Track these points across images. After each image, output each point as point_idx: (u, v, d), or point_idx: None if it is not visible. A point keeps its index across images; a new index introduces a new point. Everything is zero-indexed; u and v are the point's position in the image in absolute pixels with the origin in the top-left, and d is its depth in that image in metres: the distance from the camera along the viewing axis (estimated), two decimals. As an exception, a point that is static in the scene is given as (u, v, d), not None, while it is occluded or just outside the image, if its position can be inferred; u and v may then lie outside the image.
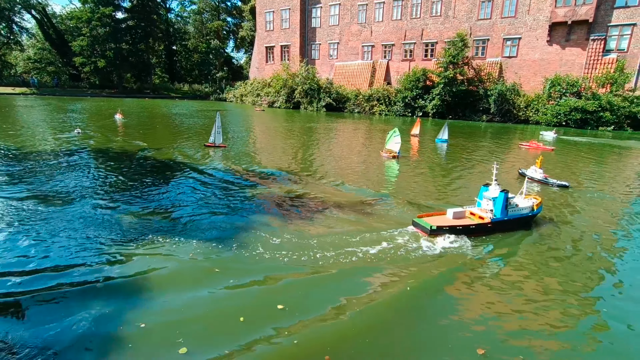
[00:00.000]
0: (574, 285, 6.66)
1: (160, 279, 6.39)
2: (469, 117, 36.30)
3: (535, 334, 5.31)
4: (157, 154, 16.64)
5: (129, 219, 8.89)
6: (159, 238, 7.81)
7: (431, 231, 8.18)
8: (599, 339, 5.28)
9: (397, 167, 15.49)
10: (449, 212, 8.82)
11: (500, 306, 5.98)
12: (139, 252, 7.23)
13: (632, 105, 29.29)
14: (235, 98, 57.94)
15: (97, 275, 6.43)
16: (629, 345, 5.16)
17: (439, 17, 39.72)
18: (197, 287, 6.19)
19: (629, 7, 30.67)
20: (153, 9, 67.63)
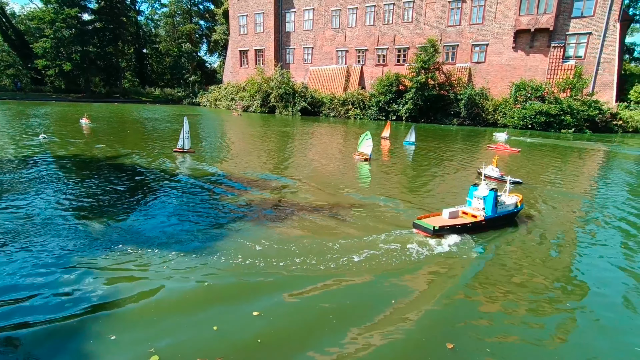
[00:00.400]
0: (544, 281, 6.90)
1: (130, 289, 6.14)
2: (440, 120, 37.34)
3: (504, 329, 5.48)
4: (128, 160, 16.10)
5: (96, 229, 8.51)
6: (129, 248, 7.53)
7: (434, 232, 8.38)
8: (565, 334, 5.46)
9: (369, 170, 15.81)
10: (444, 213, 9.06)
11: (472, 302, 6.15)
12: (107, 263, 6.93)
13: (590, 109, 31.06)
14: (209, 102, 57.03)
15: (63, 288, 6.11)
16: (594, 340, 5.38)
17: (411, 24, 40.77)
18: (169, 297, 5.99)
19: (585, 17, 32.62)
20: (122, 11, 65.68)
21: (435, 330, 5.39)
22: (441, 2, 38.59)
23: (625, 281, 7.00)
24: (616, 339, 5.39)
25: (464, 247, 8.17)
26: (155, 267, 6.84)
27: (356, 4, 43.66)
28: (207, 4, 79.13)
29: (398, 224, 9.33)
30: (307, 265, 7.07)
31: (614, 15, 31.56)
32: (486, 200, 8.99)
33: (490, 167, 13.95)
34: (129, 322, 5.36)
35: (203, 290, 6.20)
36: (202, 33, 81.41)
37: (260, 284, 6.45)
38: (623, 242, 8.86)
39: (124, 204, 10.38)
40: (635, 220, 10.36)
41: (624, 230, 9.66)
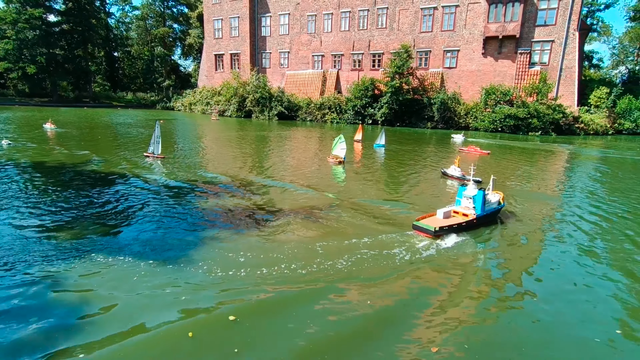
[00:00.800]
0: (526, 281, 7.03)
1: (101, 301, 5.85)
2: (415, 124, 38.12)
3: (485, 331, 5.53)
4: (97, 166, 15.51)
5: (65, 238, 8.10)
6: (99, 258, 7.20)
7: (435, 232, 8.58)
8: (541, 335, 5.50)
9: (343, 172, 16.03)
10: (439, 213, 9.32)
11: (460, 305, 6.20)
12: (76, 275, 6.58)
13: (555, 113, 32.55)
14: (184, 107, 55.93)
15: (29, 302, 5.77)
16: (571, 340, 5.51)
17: (385, 29, 41.54)
18: (142, 307, 5.75)
19: (548, 26, 34.27)
20: (91, 12, 63.54)
21: (422, 334, 5.38)
22: (413, 8, 39.57)
23: (611, 285, 7.16)
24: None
25: (458, 248, 8.38)
26: (126, 278, 6.55)
27: (331, 9, 44.11)
28: (181, 8, 77.82)
29: (382, 225, 9.43)
30: (289, 270, 6.95)
31: (573, 24, 33.32)
32: (475, 200, 9.37)
33: (453, 167, 14.80)
34: (100, 337, 5.07)
35: (178, 298, 6.00)
36: (176, 36, 79.86)
37: (236, 289, 6.30)
38: (600, 236, 9.28)
39: (92, 212, 9.96)
40: (604, 213, 10.90)
41: (597, 224, 10.13)
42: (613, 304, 6.33)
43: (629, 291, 6.74)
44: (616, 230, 9.83)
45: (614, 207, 11.79)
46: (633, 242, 9.02)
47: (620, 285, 6.92)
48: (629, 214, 11.18)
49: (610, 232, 9.65)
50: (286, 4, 47.01)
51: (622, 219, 10.72)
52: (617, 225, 10.22)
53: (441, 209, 9.41)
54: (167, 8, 77.16)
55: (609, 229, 9.87)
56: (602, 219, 10.65)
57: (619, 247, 8.69)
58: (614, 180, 16.27)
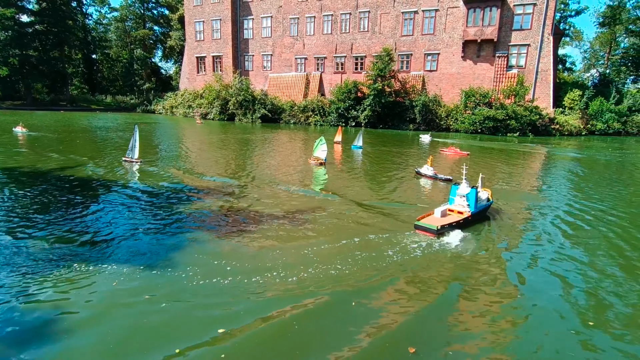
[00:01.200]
0: (506, 281, 7.07)
1: (79, 312, 5.60)
2: (397, 126, 38.57)
3: (465, 332, 5.53)
4: (73, 171, 15.04)
5: (39, 246, 7.77)
6: (76, 266, 6.93)
7: (437, 231, 8.83)
8: (522, 335, 5.47)
9: (325, 173, 16.16)
10: (436, 212, 9.57)
11: (443, 305, 6.22)
12: (52, 284, 6.30)
13: (532, 114, 33.51)
14: (165, 110, 55.01)
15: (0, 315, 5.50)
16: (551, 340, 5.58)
17: (367, 33, 41.97)
18: (123, 318, 5.51)
19: (524, 30, 35.31)
20: (67, 13, 61.89)
21: (399, 334, 5.37)
22: (395, 12, 40.13)
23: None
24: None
25: (461, 245, 8.63)
26: (104, 286, 6.32)
27: (314, 12, 44.28)
28: (162, 10, 76.66)
29: (369, 225, 9.46)
30: (279, 278, 6.76)
31: (548, 29, 34.45)
32: (469, 197, 9.82)
33: (426, 167, 15.56)
34: (77, 352, 4.85)
35: (160, 308, 5.79)
36: (157, 39, 78.58)
37: (222, 297, 6.12)
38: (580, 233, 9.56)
39: (67, 219, 9.63)
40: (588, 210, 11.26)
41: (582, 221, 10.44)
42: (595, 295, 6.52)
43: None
44: (592, 224, 10.20)
45: (589, 203, 12.21)
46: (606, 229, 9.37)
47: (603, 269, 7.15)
48: (600, 211, 11.58)
49: (589, 224, 9.99)
50: (268, 7, 46.94)
51: (598, 212, 11.11)
52: (593, 220, 10.58)
53: (438, 208, 9.68)
54: (147, 10, 75.87)
55: (587, 222, 10.23)
56: (578, 215, 11.00)
57: (597, 239, 8.99)
58: (588, 179, 16.84)
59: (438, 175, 14.99)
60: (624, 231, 9.75)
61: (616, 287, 6.86)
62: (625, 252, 8.47)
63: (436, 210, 9.59)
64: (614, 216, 10.99)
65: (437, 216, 9.46)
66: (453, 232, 9.01)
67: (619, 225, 10.17)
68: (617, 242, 9.01)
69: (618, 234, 9.51)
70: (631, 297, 6.49)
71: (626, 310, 6.12)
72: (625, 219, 10.77)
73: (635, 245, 8.84)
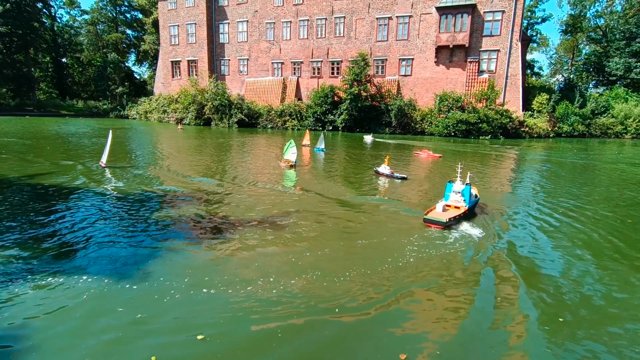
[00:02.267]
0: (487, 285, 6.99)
1: (46, 330, 5.24)
2: (374, 130, 39.00)
3: (455, 338, 5.38)
4: (41, 178, 14.31)
5: (5, 257, 7.31)
6: (41, 279, 6.49)
7: (445, 224, 9.49)
8: (518, 344, 5.33)
9: (295, 175, 16.50)
10: (438, 207, 10.18)
11: (435, 308, 6.13)
12: (13, 301, 5.89)
13: (502, 118, 34.62)
14: (139, 115, 53.70)
15: None
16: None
17: (342, 38, 42.39)
18: (94, 333, 5.20)
19: (493, 36, 36.56)
20: (33, 15, 59.62)
21: (389, 340, 5.25)
22: (369, 18, 40.74)
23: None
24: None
25: (468, 236, 9.11)
26: (74, 300, 5.95)
27: (289, 17, 44.38)
28: (135, 13, 75.07)
29: (344, 226, 9.42)
30: (262, 289, 6.49)
31: (516, 35, 35.79)
32: (464, 193, 10.58)
33: (383, 166, 16.48)
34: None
35: (136, 318, 5.50)
36: (130, 42, 76.83)
37: (201, 304, 5.87)
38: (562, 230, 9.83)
39: (34, 229, 9.14)
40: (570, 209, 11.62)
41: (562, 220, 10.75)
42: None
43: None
44: (567, 218, 10.61)
45: (561, 202, 12.65)
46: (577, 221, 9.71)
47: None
48: (568, 208, 12.01)
49: (569, 218, 10.33)
50: (244, 11, 46.74)
51: (566, 209, 11.51)
52: (569, 216, 10.98)
53: (439, 204, 10.33)
54: (119, 13, 74.16)
55: (565, 217, 10.58)
56: (553, 212, 11.36)
57: (579, 232, 9.30)
58: (557, 178, 17.47)
59: (394, 174, 16.06)
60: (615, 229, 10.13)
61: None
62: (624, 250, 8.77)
63: (438, 206, 10.25)
64: (588, 210, 11.47)
65: (439, 211, 10.12)
66: (457, 224, 9.82)
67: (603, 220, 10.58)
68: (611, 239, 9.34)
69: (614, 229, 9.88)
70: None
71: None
72: (597, 212, 11.22)
73: (604, 236, 9.19)
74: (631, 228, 10.16)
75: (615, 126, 38.02)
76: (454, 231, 9.41)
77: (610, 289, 6.75)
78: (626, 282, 7.02)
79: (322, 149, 23.65)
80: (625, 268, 7.61)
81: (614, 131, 38.04)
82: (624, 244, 8.94)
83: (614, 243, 9.01)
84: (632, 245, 8.92)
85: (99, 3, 70.88)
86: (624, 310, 6.06)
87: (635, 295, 6.53)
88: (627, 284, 6.96)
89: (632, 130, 37.77)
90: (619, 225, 10.36)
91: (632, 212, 11.64)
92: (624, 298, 6.44)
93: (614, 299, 6.41)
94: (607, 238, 9.31)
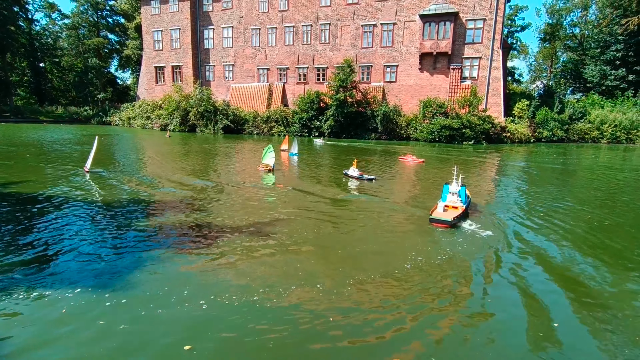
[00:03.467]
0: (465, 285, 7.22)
1: (23, 346, 4.99)
2: (360, 136, 39.28)
3: (456, 339, 5.46)
4: (20, 187, 13.84)
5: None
6: (17, 292, 6.21)
7: (451, 222, 9.95)
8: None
9: (274, 178, 16.96)
10: (439, 207, 10.60)
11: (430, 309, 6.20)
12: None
13: (485, 123, 35.35)
14: (122, 121, 52.70)
15: None
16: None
17: (328, 44, 42.68)
18: (73, 348, 4.98)
19: (475, 44, 37.42)
20: (9, 19, 58.06)
21: (383, 343, 5.22)
22: (355, 25, 41.17)
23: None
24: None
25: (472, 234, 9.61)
26: (52, 314, 5.70)
27: (275, 24, 44.47)
28: (117, 18, 73.92)
29: (328, 227, 9.36)
30: (227, 289, 6.48)
31: (497, 43, 36.73)
32: (460, 194, 11.10)
33: (352, 169, 17.23)
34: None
35: (116, 332, 5.29)
36: (112, 47, 75.51)
37: (186, 314, 5.71)
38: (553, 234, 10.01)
39: (9, 236, 8.78)
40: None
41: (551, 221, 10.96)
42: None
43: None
44: (553, 220, 10.83)
45: (544, 201, 12.94)
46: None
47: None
48: (552, 210, 12.29)
49: (556, 217, 10.55)
50: (229, 17, 46.61)
51: (551, 211, 11.76)
52: (554, 217, 11.24)
53: (439, 204, 10.73)
54: (101, 18, 72.88)
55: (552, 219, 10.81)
56: (536, 214, 11.60)
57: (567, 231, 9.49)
58: (539, 181, 17.88)
59: (363, 176, 16.71)
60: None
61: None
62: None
63: (439, 206, 10.64)
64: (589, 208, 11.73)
65: (440, 210, 10.51)
66: (458, 223, 10.39)
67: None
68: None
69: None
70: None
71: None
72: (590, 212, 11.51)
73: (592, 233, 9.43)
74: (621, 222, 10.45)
75: (592, 131, 39.27)
76: (457, 230, 9.94)
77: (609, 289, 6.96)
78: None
79: (296, 154, 24.57)
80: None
81: (591, 136, 39.29)
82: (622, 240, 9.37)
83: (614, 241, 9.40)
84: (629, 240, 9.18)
85: (80, 7, 69.54)
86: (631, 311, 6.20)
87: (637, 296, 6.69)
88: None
89: (607, 136, 39.07)
90: (604, 217, 10.67)
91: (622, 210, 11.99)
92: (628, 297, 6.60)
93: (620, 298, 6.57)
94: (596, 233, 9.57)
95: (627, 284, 7.21)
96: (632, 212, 12.48)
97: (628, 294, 6.83)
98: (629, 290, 6.94)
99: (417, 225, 10.44)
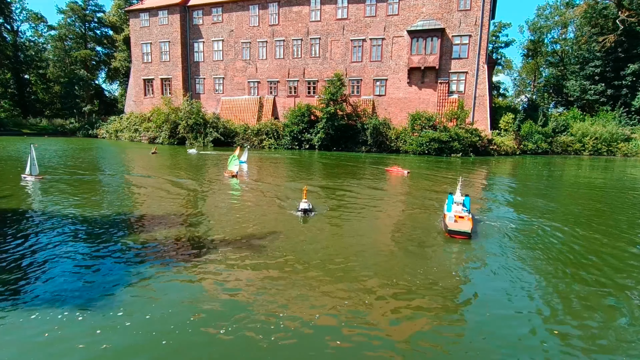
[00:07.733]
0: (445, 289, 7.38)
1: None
2: (351, 148, 39.56)
3: (463, 346, 5.57)
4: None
5: None
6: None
7: (469, 233, 9.96)
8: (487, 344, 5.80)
9: (238, 183, 19.08)
10: (449, 217, 10.59)
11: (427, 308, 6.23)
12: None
13: (472, 136, 36.06)
14: (109, 134, 51.94)
15: None
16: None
17: (318, 58, 43.24)
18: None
19: (462, 59, 38.44)
20: (-5, 31, 57.25)
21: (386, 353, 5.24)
22: (344, 40, 41.88)
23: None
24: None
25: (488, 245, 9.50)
26: (34, 338, 5.46)
27: (265, 37, 44.91)
28: (105, 30, 73.59)
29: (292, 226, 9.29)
30: (205, 301, 6.37)
31: (482, 58, 37.81)
32: (465, 204, 11.27)
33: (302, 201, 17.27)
34: None
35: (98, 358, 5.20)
36: (100, 60, 74.93)
37: (167, 334, 5.56)
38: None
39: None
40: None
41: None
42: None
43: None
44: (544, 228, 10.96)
45: (538, 207, 13.15)
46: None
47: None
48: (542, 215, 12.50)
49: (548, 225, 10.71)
50: (219, 31, 46.89)
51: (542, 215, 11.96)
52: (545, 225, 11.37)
53: (448, 215, 10.70)
54: (89, 29, 72.45)
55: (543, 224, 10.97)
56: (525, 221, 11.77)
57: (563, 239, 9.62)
58: (528, 191, 18.23)
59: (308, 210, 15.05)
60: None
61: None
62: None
63: (448, 217, 10.59)
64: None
65: (452, 221, 10.44)
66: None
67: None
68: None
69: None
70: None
71: None
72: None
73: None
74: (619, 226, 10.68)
75: (574, 144, 40.42)
76: (451, 240, 10.03)
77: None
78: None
79: (244, 162, 25.52)
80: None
81: (574, 148, 40.42)
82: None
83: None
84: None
85: (67, 19, 69.07)
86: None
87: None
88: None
89: (589, 148, 40.26)
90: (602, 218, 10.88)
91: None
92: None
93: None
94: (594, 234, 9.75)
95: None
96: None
97: (635, 307, 6.95)
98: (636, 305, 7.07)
99: (412, 235, 10.48)
